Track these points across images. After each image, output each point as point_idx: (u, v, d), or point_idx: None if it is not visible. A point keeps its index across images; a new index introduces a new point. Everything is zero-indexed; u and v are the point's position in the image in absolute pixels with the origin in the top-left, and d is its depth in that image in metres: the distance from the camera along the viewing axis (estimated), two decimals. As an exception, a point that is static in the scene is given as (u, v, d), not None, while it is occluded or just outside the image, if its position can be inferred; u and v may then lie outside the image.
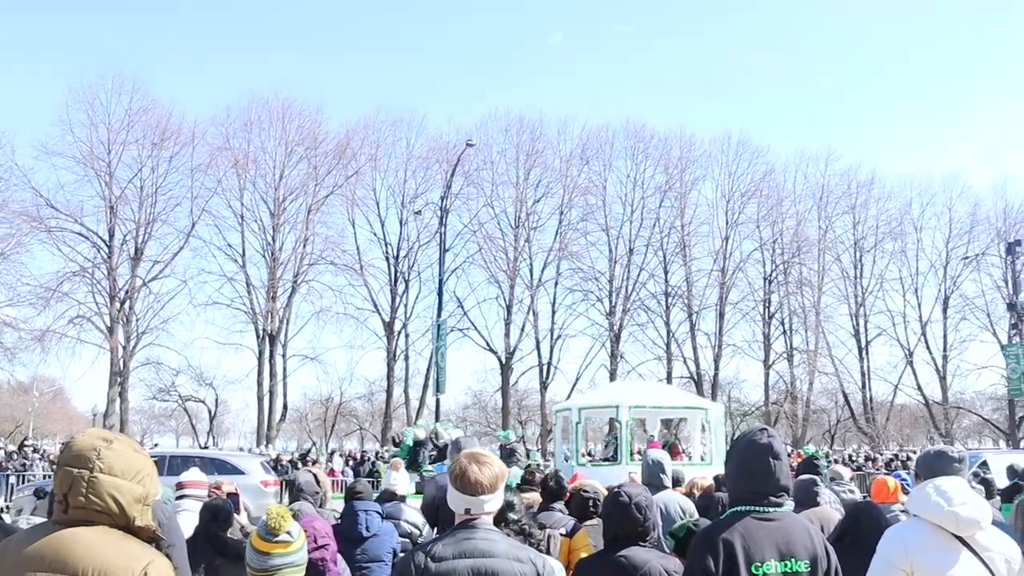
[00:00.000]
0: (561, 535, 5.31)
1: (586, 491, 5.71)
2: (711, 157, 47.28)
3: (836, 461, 18.56)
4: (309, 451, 34.81)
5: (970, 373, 46.96)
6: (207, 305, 42.47)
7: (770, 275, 47.05)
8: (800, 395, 46.33)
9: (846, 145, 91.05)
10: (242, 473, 16.07)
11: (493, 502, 3.29)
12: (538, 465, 10.99)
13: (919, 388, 47.04)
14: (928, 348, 46.96)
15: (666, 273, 46.54)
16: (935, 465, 4.13)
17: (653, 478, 6.18)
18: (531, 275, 45.59)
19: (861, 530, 4.52)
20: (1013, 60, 78.48)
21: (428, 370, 41.93)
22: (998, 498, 7.46)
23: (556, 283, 46.07)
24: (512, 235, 45.06)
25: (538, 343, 45.72)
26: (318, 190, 43.64)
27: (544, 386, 45.60)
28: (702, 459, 16.44)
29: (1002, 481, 10.22)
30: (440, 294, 34.59)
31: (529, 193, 45.74)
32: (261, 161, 43.51)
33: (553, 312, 46.04)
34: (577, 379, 45.70)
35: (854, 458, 34.95)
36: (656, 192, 46.35)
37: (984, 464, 16.71)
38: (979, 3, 77.31)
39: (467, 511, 3.25)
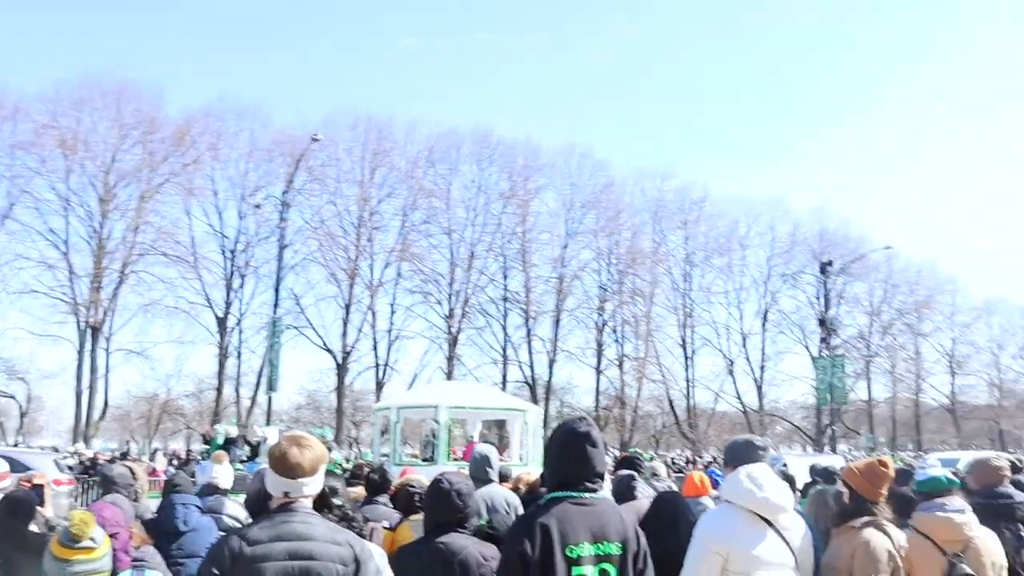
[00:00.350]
0: (384, 528, 5.31)
1: (412, 486, 5.72)
2: (554, 167, 48.42)
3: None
4: (128, 451, 33.13)
5: (784, 383, 50.23)
6: (23, 293, 39.74)
7: (605, 284, 48.55)
8: (629, 401, 48.02)
9: (682, 164, 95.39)
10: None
11: (312, 485, 3.25)
12: (368, 463, 10.89)
13: (738, 396, 49.80)
14: (747, 359, 49.78)
15: (505, 278, 47.24)
16: (744, 453, 4.42)
17: (479, 472, 6.26)
18: (371, 275, 45.21)
19: (662, 517, 4.77)
20: (834, 94, 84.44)
21: (261, 368, 40.74)
22: (798, 493, 8.05)
23: (396, 284, 45.88)
24: (354, 234, 44.49)
25: (375, 344, 45.38)
26: (153, 177, 41.59)
27: (380, 387, 45.22)
28: (520, 460, 16.68)
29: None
30: (277, 290, 33.83)
31: (373, 192, 45.32)
32: (91, 142, 41.01)
33: (392, 313, 45.83)
34: (413, 381, 45.63)
35: (676, 461, 36.50)
36: (499, 198, 46.98)
37: (784, 465, 18.09)
38: (802, 42, 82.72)
39: (286, 494, 3.21)
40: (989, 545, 4.65)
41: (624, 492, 6.21)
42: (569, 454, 3.57)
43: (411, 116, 53.02)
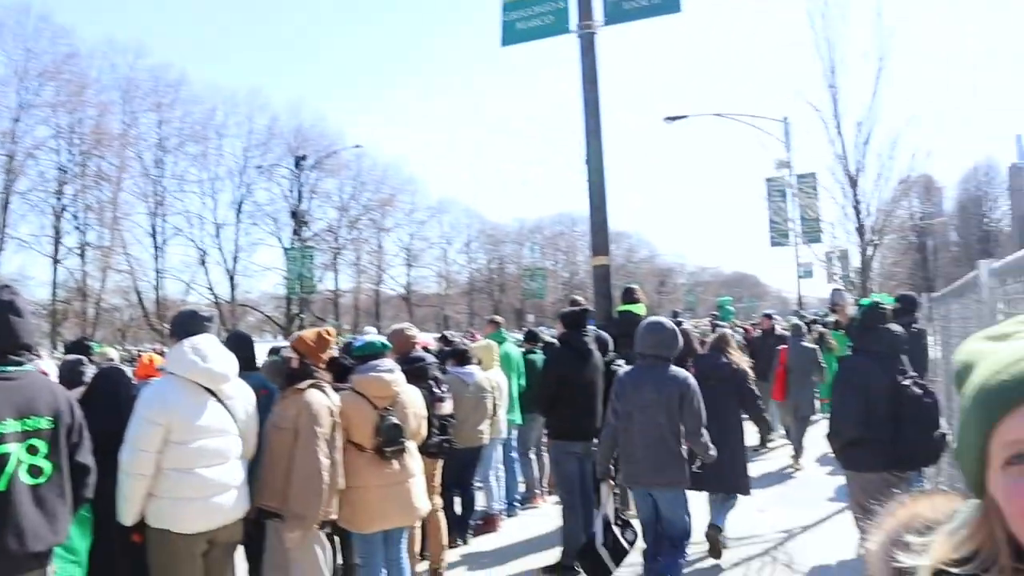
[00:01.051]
0: None
1: None
2: (4, 28, 41.67)
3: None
4: None
5: (256, 274, 50.75)
6: None
7: (65, 166, 43.88)
8: (91, 293, 44.66)
9: (157, 43, 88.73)
10: None
11: None
12: None
13: (210, 287, 49.12)
14: (220, 249, 49.20)
15: (-60, 154, 40.12)
16: (190, 325, 4.44)
17: None
18: None
19: (101, 392, 4.61)
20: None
21: None
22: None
23: None
24: None
25: None
26: None
27: None
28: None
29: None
30: None
31: None
32: None
33: None
34: None
35: (142, 353, 35.10)
36: (-69, 58, 39.35)
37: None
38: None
39: None
40: (412, 399, 5.36)
41: (73, 376, 5.88)
42: (-10, 325, 3.29)
43: None
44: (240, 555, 4.82)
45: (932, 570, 0.99)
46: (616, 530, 5.83)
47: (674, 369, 5.55)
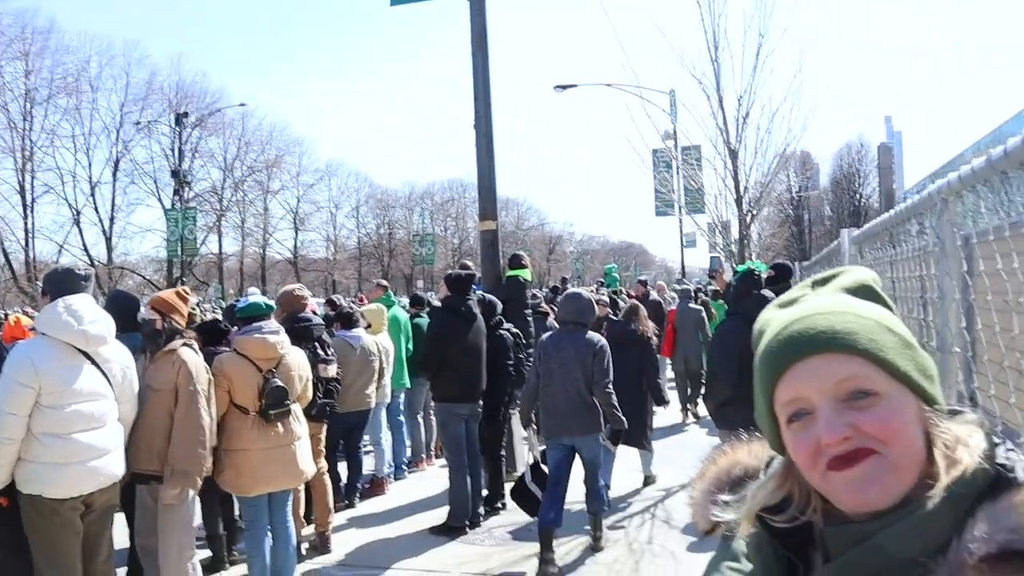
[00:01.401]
0: None
1: None
2: None
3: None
4: None
5: (136, 235, 48.71)
6: None
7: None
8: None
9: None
10: None
11: None
12: None
13: (85, 249, 46.93)
14: (96, 209, 47.02)
15: None
16: (64, 283, 4.25)
17: None
18: None
19: None
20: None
21: None
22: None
23: None
24: None
25: None
26: None
27: None
28: None
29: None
30: None
31: None
32: None
33: None
34: None
35: (9, 315, 33.40)
36: None
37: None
38: None
39: None
40: (297, 360, 5.31)
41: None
42: None
43: None
44: (119, 519, 4.73)
45: (750, 519, 1.09)
46: (544, 468, 6.46)
47: (590, 333, 6.24)
